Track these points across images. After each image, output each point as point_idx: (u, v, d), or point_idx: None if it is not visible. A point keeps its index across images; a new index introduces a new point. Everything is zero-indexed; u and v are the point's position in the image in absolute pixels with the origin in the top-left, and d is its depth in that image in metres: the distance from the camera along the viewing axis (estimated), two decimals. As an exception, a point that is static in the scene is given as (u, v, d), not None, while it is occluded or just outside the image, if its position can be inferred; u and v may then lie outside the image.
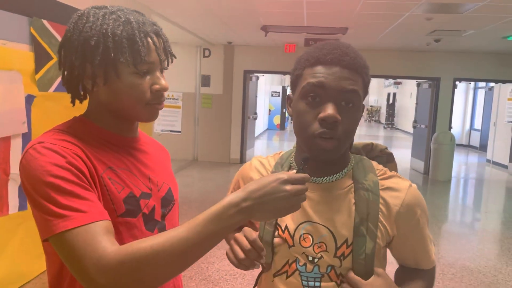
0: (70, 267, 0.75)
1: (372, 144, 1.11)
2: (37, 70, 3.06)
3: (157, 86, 0.91)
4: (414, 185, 0.98)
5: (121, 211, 0.87)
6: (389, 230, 0.95)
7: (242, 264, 0.95)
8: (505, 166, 9.48)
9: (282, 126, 17.57)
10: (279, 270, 0.99)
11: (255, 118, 9.84)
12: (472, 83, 13.64)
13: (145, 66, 0.89)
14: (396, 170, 1.09)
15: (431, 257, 1.03)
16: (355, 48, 0.94)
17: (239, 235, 0.97)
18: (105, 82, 0.88)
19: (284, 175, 0.77)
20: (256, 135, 11.77)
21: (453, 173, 8.36)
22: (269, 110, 17.25)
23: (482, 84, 12.83)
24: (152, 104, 0.92)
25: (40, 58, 3.09)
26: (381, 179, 0.97)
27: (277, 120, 17.44)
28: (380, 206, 0.94)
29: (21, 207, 2.95)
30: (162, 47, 0.93)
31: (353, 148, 1.09)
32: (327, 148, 0.89)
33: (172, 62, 0.98)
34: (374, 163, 1.02)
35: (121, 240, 0.86)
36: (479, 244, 4.65)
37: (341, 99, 0.89)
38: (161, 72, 0.95)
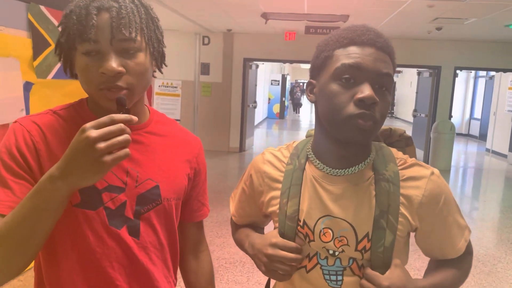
0: None
1: (391, 129, 1.07)
2: (35, 57, 3.02)
3: (100, 69, 0.82)
4: (436, 172, 0.94)
5: (76, 201, 0.86)
6: (412, 221, 0.92)
7: (289, 274, 0.93)
8: (505, 156, 9.49)
9: (281, 115, 17.53)
10: (298, 265, 0.95)
11: (255, 107, 9.81)
12: (473, 72, 13.58)
13: (90, 46, 0.82)
14: (414, 152, 1.06)
15: (457, 246, 0.97)
16: None
17: (273, 250, 0.93)
18: (70, 64, 0.89)
19: (93, 133, 0.70)
20: (255, 123, 11.74)
21: (453, 162, 8.37)
22: (269, 99, 17.20)
23: (483, 73, 12.78)
24: (101, 89, 0.84)
25: (38, 44, 3.05)
26: (401, 169, 0.94)
27: (276, 108, 17.39)
28: (401, 197, 0.91)
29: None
30: (114, 25, 0.82)
31: None
32: (366, 128, 0.85)
33: (135, 42, 0.85)
34: (394, 151, 0.98)
35: (81, 232, 0.87)
36: (478, 233, 4.67)
37: (376, 82, 0.87)
38: (124, 54, 0.84)
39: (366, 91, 0.84)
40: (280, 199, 0.98)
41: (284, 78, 17.54)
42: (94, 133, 0.70)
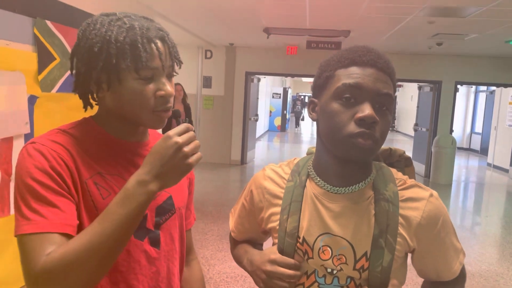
0: (22, 266, 0.79)
1: (391, 149, 1.08)
2: (40, 71, 3.05)
3: (161, 92, 0.89)
4: (435, 194, 0.95)
5: None
6: (409, 242, 0.93)
7: None
8: (506, 170, 9.47)
9: (283, 128, 17.56)
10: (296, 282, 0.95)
11: (256, 120, 9.84)
12: (473, 87, 13.63)
13: (148, 72, 0.88)
14: (413, 173, 1.07)
15: (452, 268, 0.98)
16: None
17: (272, 267, 0.94)
18: (108, 88, 0.88)
19: (178, 139, 0.79)
20: (256, 136, 11.76)
21: (454, 177, 8.35)
22: (270, 112, 17.25)
23: (483, 87, 12.83)
24: (157, 111, 0.90)
25: (43, 58, 3.08)
26: (401, 189, 0.95)
27: (277, 121, 17.44)
28: (400, 218, 0.92)
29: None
30: (167, 52, 0.91)
31: None
32: (366, 147, 0.86)
33: (179, 67, 0.97)
34: (394, 171, 0.99)
35: None
36: (481, 248, 4.64)
37: (376, 101, 0.88)
38: (169, 78, 0.93)
39: (366, 110, 0.86)
40: (280, 215, 0.99)
41: (285, 92, 17.62)
42: (180, 139, 0.79)
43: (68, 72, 3.24)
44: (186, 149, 0.79)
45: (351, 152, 0.87)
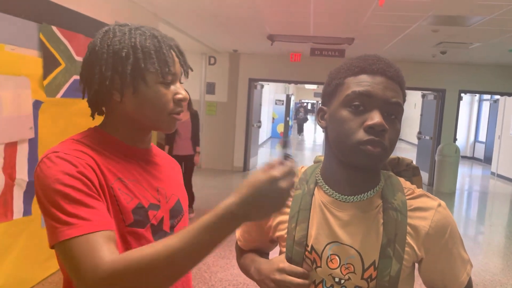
0: (70, 275, 0.76)
1: (398, 158, 1.08)
2: (45, 76, 3.07)
3: (179, 96, 0.95)
4: (443, 204, 0.95)
5: (129, 221, 0.89)
6: (417, 252, 0.92)
7: None
8: (510, 180, 9.43)
9: (285, 135, 17.56)
10: None
11: (259, 126, 9.84)
12: (477, 95, 13.61)
13: (170, 76, 0.94)
14: (421, 183, 1.07)
15: (459, 279, 0.97)
16: None
17: (281, 276, 0.93)
18: (134, 91, 0.91)
19: (276, 172, 0.75)
20: (259, 143, 11.75)
21: (458, 186, 8.31)
22: (273, 118, 17.26)
23: (487, 96, 12.81)
24: (173, 114, 0.96)
25: (49, 63, 3.10)
26: (409, 199, 0.94)
27: (280, 128, 17.44)
28: (408, 227, 0.91)
29: (26, 213, 2.95)
30: (182, 60, 0.99)
31: None
32: (375, 154, 0.86)
33: (187, 75, 1.02)
34: (402, 180, 0.99)
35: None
36: (484, 258, 4.61)
37: (385, 110, 0.88)
38: (180, 84, 0.99)
39: (375, 118, 0.86)
40: (288, 223, 0.98)
41: (288, 98, 17.64)
42: (284, 184, 0.75)
43: (73, 78, 3.27)
44: (283, 183, 0.75)
45: (360, 159, 0.87)
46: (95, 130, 0.97)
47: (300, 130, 19.95)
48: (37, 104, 2.99)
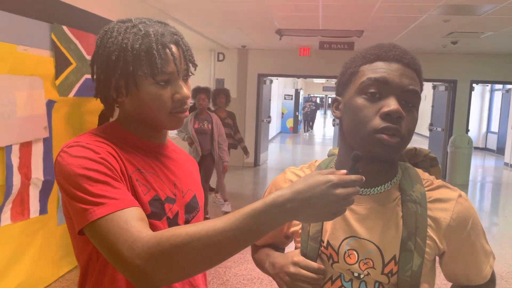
0: (105, 253, 0.77)
1: (416, 149, 1.05)
2: (57, 76, 3.09)
3: (178, 96, 0.92)
4: (463, 195, 0.92)
5: (146, 212, 0.89)
6: (439, 245, 0.89)
7: None
8: (524, 170, 9.30)
9: (295, 129, 17.53)
10: (321, 287, 0.93)
11: (269, 122, 9.83)
12: (489, 86, 13.43)
13: (164, 76, 0.90)
14: (439, 174, 1.04)
15: (482, 272, 0.94)
16: None
17: (295, 269, 0.92)
18: (126, 94, 0.91)
19: (334, 177, 0.72)
20: (269, 138, 11.75)
21: (470, 177, 8.22)
22: (282, 113, 17.23)
23: (499, 86, 12.63)
24: (175, 112, 0.94)
25: (60, 63, 3.12)
26: (428, 190, 0.92)
27: (290, 123, 17.41)
28: (429, 219, 0.89)
29: (42, 211, 2.99)
30: (182, 56, 0.94)
31: None
32: (391, 144, 0.83)
33: (195, 69, 0.99)
34: (420, 172, 0.96)
35: None
36: (500, 249, 4.56)
37: (402, 97, 0.86)
38: (185, 80, 0.95)
39: (392, 105, 0.83)
40: None
41: (297, 93, 17.59)
42: (341, 191, 0.72)
43: (84, 77, 3.29)
44: (340, 191, 0.71)
45: (375, 148, 0.84)
46: (112, 125, 0.98)
47: (308, 127, 18.38)
48: (50, 104, 3.02)
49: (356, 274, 0.90)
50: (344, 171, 0.75)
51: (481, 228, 0.94)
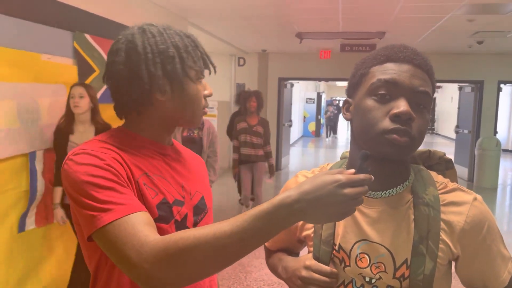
0: (114, 258, 0.77)
1: (430, 151, 1.03)
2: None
3: (208, 92, 1.01)
4: (479, 198, 0.89)
5: (154, 216, 0.89)
6: (453, 249, 0.87)
7: None
8: (557, 173, 8.95)
9: (317, 133, 17.41)
10: None
11: (290, 126, 9.79)
12: (518, 86, 13.02)
13: (202, 74, 0.99)
14: (456, 177, 1.01)
15: (500, 277, 0.91)
16: None
17: (307, 273, 0.90)
18: (177, 89, 0.94)
19: (342, 177, 0.70)
20: (291, 142, 11.70)
21: (499, 180, 7.97)
22: (304, 117, 17.15)
23: (529, 86, 12.23)
24: (203, 109, 1.01)
25: (83, 71, 3.19)
26: (442, 193, 0.90)
27: (312, 127, 17.30)
28: (442, 223, 0.86)
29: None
30: (209, 58, 1.02)
31: (410, 157, 1.00)
32: (401, 144, 0.82)
33: (211, 73, 1.03)
34: (433, 174, 0.94)
35: None
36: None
37: (412, 99, 0.84)
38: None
39: (402, 106, 0.82)
40: None
41: (319, 96, 17.48)
42: (349, 191, 0.71)
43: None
44: (348, 190, 0.70)
45: (385, 149, 0.84)
46: (119, 130, 0.98)
47: (331, 131, 17.21)
48: (73, 111, 3.07)
49: (367, 279, 0.88)
50: (353, 170, 0.73)
51: (498, 232, 0.91)
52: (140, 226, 0.76)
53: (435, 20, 5.12)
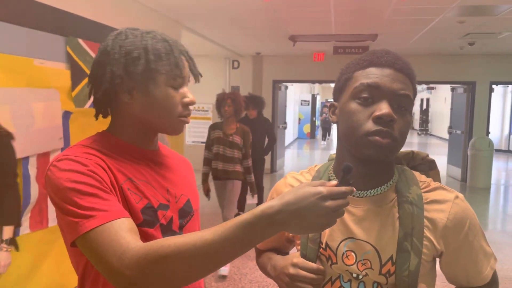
0: (96, 264, 0.78)
1: (413, 152, 1.06)
2: (73, 87, 3.17)
3: (187, 99, 0.96)
4: (460, 196, 0.93)
5: (138, 221, 0.90)
6: (436, 245, 0.90)
7: None
8: (549, 172, 9.03)
9: (312, 135, 17.45)
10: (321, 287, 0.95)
11: (285, 128, 9.82)
12: (510, 86, 13.13)
13: (179, 80, 0.95)
14: (439, 177, 1.04)
15: (482, 273, 0.94)
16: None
17: (295, 270, 0.93)
18: (143, 92, 0.92)
19: (324, 189, 0.72)
20: (286, 144, 11.72)
21: (493, 180, 8.03)
22: (299, 119, 17.19)
23: (521, 86, 12.34)
24: (181, 117, 0.97)
25: (76, 75, 3.20)
26: (424, 192, 0.93)
27: (307, 129, 17.34)
28: (425, 220, 0.90)
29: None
30: (192, 64, 1.00)
31: (394, 158, 1.04)
32: (384, 145, 0.85)
33: (198, 81, 1.03)
34: (417, 174, 0.98)
35: None
36: (523, 254, 4.43)
37: (394, 101, 0.88)
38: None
39: (384, 109, 0.86)
40: None
41: (314, 98, 17.53)
42: (331, 204, 0.72)
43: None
44: (330, 203, 0.71)
45: (369, 150, 0.87)
46: (102, 134, 0.99)
47: (326, 134, 16.70)
48: (66, 115, 3.09)
49: (354, 275, 0.91)
50: (335, 182, 0.75)
51: (480, 229, 0.95)
52: (122, 233, 0.77)
53: (426, 22, 5.17)
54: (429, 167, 1.05)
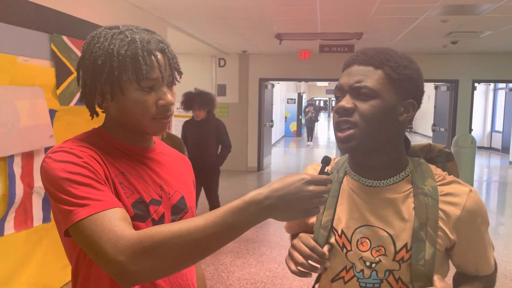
0: (90, 252, 0.79)
1: (430, 145, 1.10)
2: (58, 85, 3.13)
3: (162, 102, 0.95)
4: (474, 190, 0.97)
5: (130, 215, 0.91)
6: (450, 236, 0.94)
7: (303, 270, 0.95)
8: (529, 168, 9.24)
9: (298, 133, 17.52)
10: (337, 275, 0.99)
11: (272, 126, 9.85)
12: (492, 84, 13.38)
13: (149, 82, 0.93)
14: (456, 168, 1.08)
15: (490, 263, 1.01)
16: (391, 49, 0.97)
17: (297, 242, 0.98)
18: (112, 98, 0.94)
19: (307, 176, 0.78)
20: (272, 142, 11.75)
21: (475, 177, 8.19)
22: (285, 117, 17.24)
23: (502, 85, 12.58)
24: (158, 118, 0.96)
25: (61, 73, 3.16)
26: (440, 185, 0.97)
27: (293, 127, 17.41)
28: (440, 212, 0.94)
29: (45, 220, 3.01)
30: (167, 63, 0.96)
31: (411, 150, 1.08)
32: (343, 138, 0.93)
33: (180, 77, 1.01)
34: (433, 167, 1.01)
35: None
36: (505, 249, 4.54)
37: (353, 93, 0.94)
38: (170, 87, 0.98)
39: (343, 101, 0.94)
40: None
41: (300, 97, 17.60)
42: (315, 188, 0.78)
43: (85, 85, 3.33)
44: (313, 187, 0.78)
45: (341, 145, 0.95)
46: (97, 130, 1.01)
47: (310, 135, 15.17)
48: (51, 113, 3.05)
49: (368, 264, 0.95)
50: (322, 178, 0.82)
51: (488, 221, 1.00)
52: (116, 221, 0.79)
53: (410, 21, 5.24)
54: (446, 159, 1.08)
